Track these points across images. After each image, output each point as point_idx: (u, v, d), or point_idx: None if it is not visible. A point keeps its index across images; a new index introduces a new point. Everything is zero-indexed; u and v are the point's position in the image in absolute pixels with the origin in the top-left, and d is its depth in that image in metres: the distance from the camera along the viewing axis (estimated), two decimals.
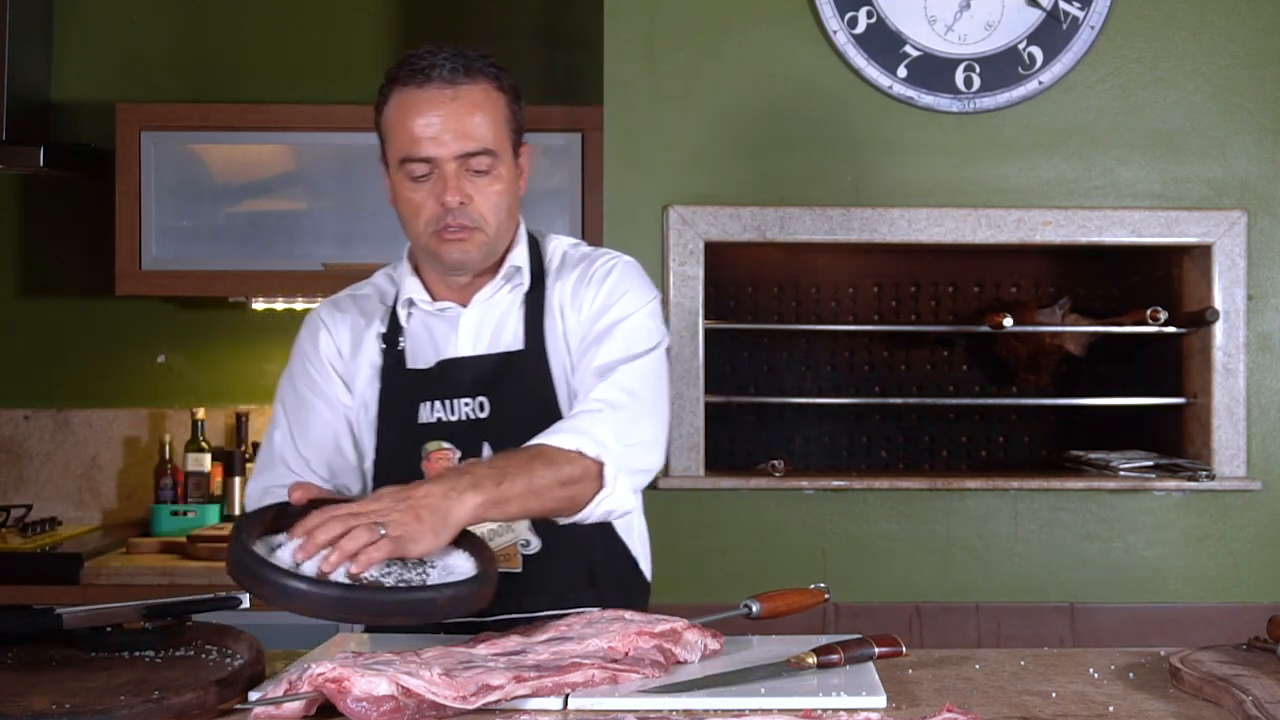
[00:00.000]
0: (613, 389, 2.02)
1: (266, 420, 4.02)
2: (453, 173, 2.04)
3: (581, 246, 2.23)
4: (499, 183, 2.08)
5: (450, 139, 2.03)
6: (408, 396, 2.13)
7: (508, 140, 2.09)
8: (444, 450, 2.10)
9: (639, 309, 2.12)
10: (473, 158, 2.05)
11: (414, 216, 2.09)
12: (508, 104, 2.10)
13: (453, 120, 2.03)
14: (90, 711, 1.53)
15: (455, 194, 2.04)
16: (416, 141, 2.04)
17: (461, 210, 2.05)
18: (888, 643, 1.83)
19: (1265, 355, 3.42)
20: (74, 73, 4.03)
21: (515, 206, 2.14)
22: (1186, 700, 1.71)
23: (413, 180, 2.07)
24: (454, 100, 2.04)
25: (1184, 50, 3.41)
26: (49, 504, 4.01)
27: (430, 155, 2.04)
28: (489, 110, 2.07)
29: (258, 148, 3.75)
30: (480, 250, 2.10)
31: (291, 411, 2.22)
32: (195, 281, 3.72)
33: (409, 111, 2.05)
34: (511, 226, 2.15)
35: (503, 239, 2.13)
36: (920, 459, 3.84)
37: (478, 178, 2.06)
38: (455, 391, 2.11)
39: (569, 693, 1.65)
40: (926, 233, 3.39)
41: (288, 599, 1.70)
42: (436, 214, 2.06)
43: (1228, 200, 3.41)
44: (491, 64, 2.10)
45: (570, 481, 1.90)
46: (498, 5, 4.06)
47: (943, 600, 3.40)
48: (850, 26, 3.38)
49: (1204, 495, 3.40)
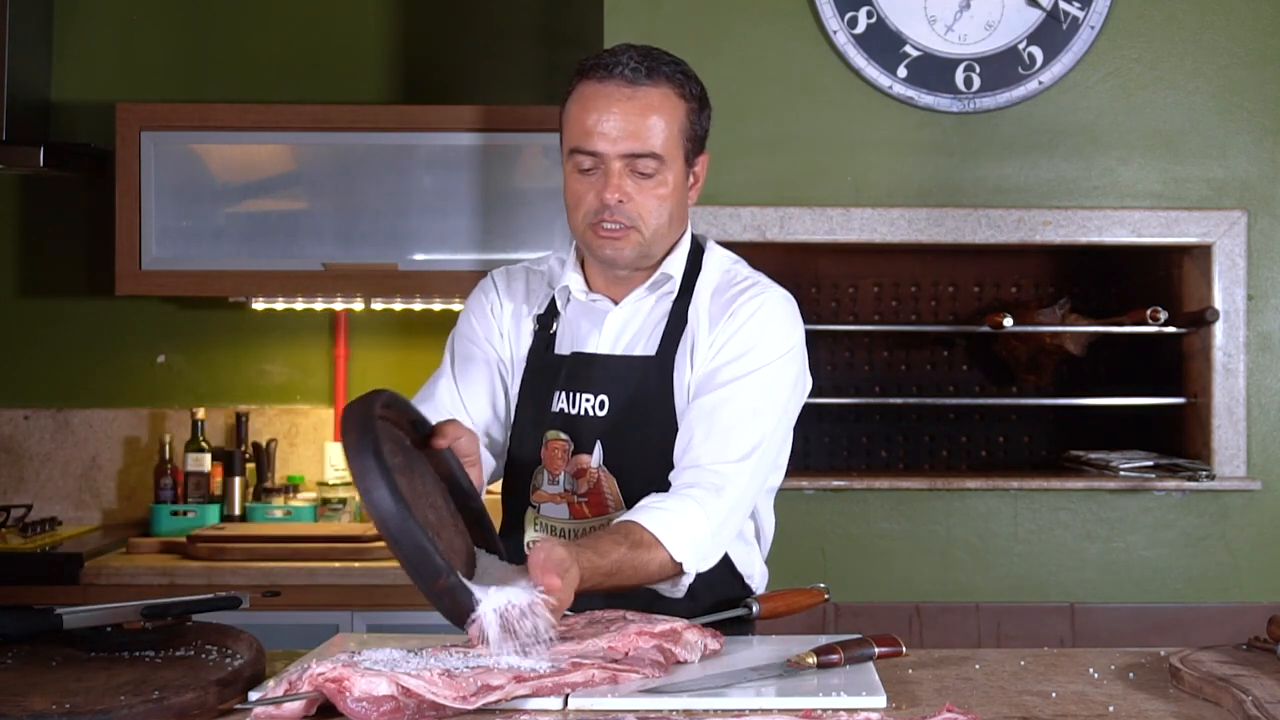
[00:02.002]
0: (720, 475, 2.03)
1: (266, 420, 4.06)
2: (617, 170, 2.07)
3: (740, 267, 2.23)
4: (663, 187, 2.09)
5: (619, 137, 2.06)
6: (545, 381, 2.16)
7: (680, 148, 2.10)
8: (561, 441, 2.14)
9: (770, 362, 2.11)
10: (639, 159, 2.07)
11: (575, 207, 2.11)
12: (688, 112, 2.11)
13: (625, 119, 2.06)
14: (90, 711, 1.53)
15: (615, 192, 2.07)
16: (587, 134, 2.07)
17: (619, 208, 2.07)
18: (888, 643, 1.83)
19: (1265, 355, 3.42)
20: (74, 73, 4.03)
21: (680, 212, 2.15)
22: (1186, 700, 1.71)
23: (579, 172, 2.09)
24: (630, 99, 2.06)
25: (1184, 50, 3.41)
26: (49, 504, 4.01)
27: (597, 150, 2.06)
28: (664, 114, 2.08)
29: (258, 148, 3.75)
30: (634, 250, 2.11)
31: (457, 359, 2.24)
32: (195, 281, 3.71)
33: (586, 104, 2.08)
34: (673, 232, 2.16)
35: (661, 242, 2.14)
36: (920, 459, 3.84)
37: (641, 179, 2.08)
38: (581, 386, 2.13)
39: (569, 693, 1.65)
40: (926, 233, 3.39)
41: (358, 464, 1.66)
42: (595, 208, 2.08)
43: (1228, 200, 3.41)
44: (680, 70, 2.12)
45: (654, 579, 1.97)
46: (498, 5, 4.06)
47: (943, 600, 3.40)
48: (850, 26, 3.38)
49: (1204, 495, 3.40)
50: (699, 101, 2.14)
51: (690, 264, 2.19)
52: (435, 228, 3.71)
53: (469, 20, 4.07)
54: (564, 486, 2.14)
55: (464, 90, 4.02)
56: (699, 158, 2.16)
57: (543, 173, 3.73)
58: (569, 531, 2.14)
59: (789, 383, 2.14)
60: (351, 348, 4.05)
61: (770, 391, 2.11)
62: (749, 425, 2.07)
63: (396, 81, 4.06)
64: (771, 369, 2.11)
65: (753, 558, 2.23)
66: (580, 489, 2.13)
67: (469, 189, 3.71)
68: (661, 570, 1.96)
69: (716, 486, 2.02)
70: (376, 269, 3.71)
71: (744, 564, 2.20)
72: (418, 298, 3.82)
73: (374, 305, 3.91)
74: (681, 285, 2.17)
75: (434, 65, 4.07)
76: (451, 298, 3.82)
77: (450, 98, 3.97)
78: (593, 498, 2.12)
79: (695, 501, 2.00)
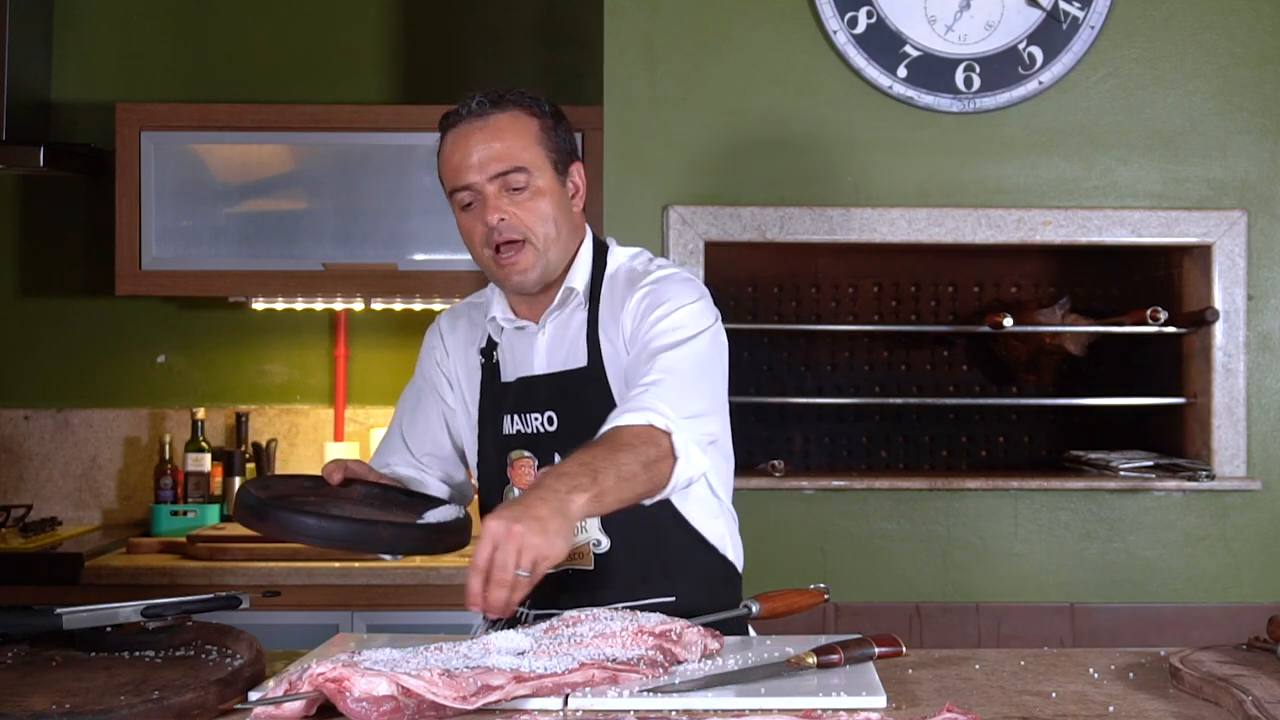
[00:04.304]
0: (657, 371, 2.09)
1: (266, 420, 4.07)
2: (492, 193, 2.17)
3: (638, 261, 2.30)
4: (539, 197, 2.19)
5: (482, 163, 2.17)
6: (497, 408, 2.27)
7: (544, 158, 2.20)
8: (525, 459, 2.24)
9: (683, 305, 2.18)
10: (506, 176, 2.17)
11: (470, 244, 2.22)
12: (542, 126, 2.22)
13: (482, 145, 2.18)
14: (90, 711, 1.53)
15: (495, 211, 2.17)
16: (455, 172, 2.20)
17: (505, 225, 2.17)
18: (888, 643, 1.83)
19: (1265, 355, 3.42)
20: (74, 73, 4.03)
21: (568, 221, 2.24)
22: (1186, 700, 1.71)
23: (463, 210, 2.21)
24: (482, 129, 2.20)
25: (1184, 50, 3.41)
26: (49, 504, 4.01)
27: (468, 182, 2.18)
28: (517, 132, 2.20)
29: (258, 148, 3.75)
30: (535, 266, 2.20)
31: (407, 405, 2.42)
32: (195, 281, 3.71)
33: (449, 148, 2.22)
34: (566, 241, 2.24)
35: (556, 252, 2.22)
36: (920, 459, 3.84)
37: (516, 194, 2.18)
38: (530, 407, 2.23)
39: (569, 693, 1.65)
40: (926, 233, 3.39)
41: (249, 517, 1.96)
42: (485, 235, 2.18)
43: (1228, 200, 3.41)
44: (527, 96, 2.26)
45: (651, 462, 1.96)
46: (498, 5, 4.06)
47: (943, 600, 3.40)
48: (850, 26, 3.38)
49: (1204, 495, 3.40)
50: (553, 118, 2.25)
51: (595, 271, 2.27)
52: (435, 228, 3.71)
53: (469, 20, 4.07)
54: None
55: (464, 90, 3.98)
56: (572, 166, 2.26)
57: None
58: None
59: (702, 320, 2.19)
60: (351, 348, 4.05)
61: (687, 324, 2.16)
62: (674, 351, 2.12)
63: (396, 81, 4.06)
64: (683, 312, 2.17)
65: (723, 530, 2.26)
66: None
67: None
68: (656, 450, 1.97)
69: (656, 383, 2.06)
70: (376, 269, 3.71)
71: (716, 538, 2.24)
72: (417, 298, 3.82)
73: (374, 305, 3.91)
74: (591, 292, 2.25)
75: (434, 65, 4.07)
76: (451, 298, 3.81)
77: (450, 98, 3.93)
78: None
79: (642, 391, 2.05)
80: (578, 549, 2.18)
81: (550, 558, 1.77)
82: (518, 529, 1.74)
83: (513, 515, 1.76)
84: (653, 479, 1.97)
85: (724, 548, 2.26)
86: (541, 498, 1.80)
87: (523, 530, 1.74)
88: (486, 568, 1.73)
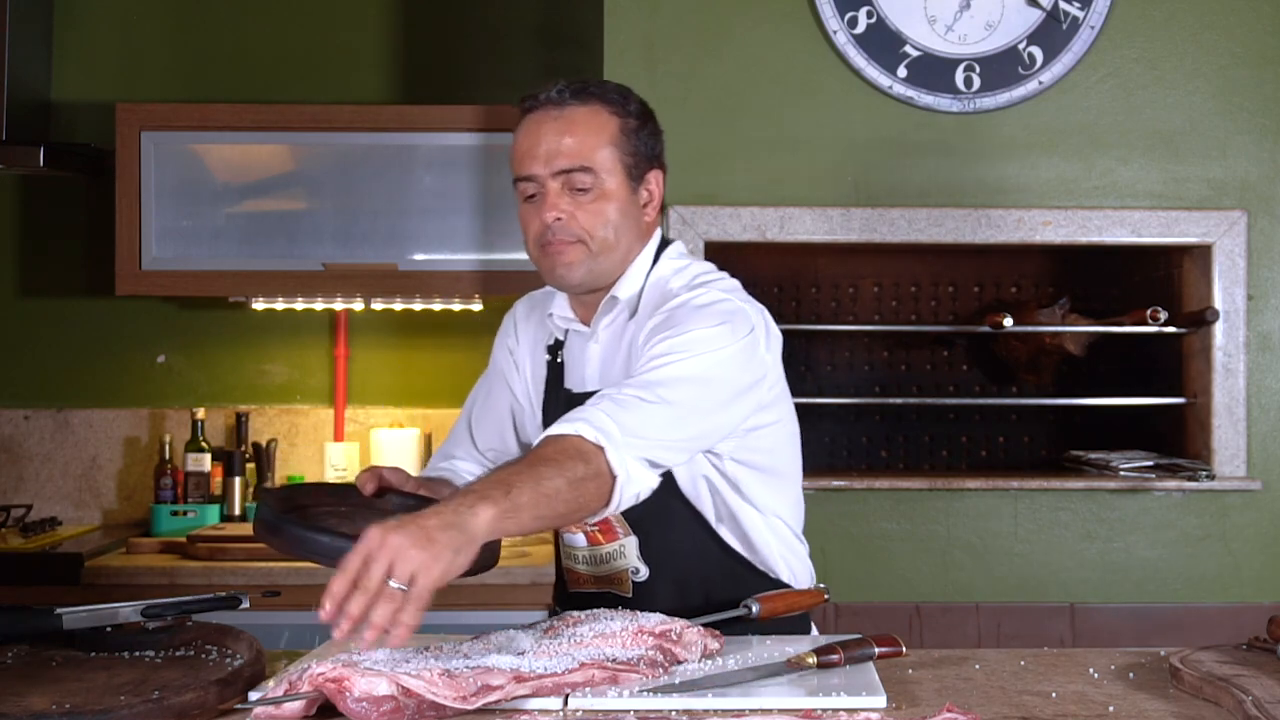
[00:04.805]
0: (625, 385, 1.94)
1: (266, 420, 4.06)
2: (554, 190, 2.08)
3: (684, 273, 2.15)
4: (602, 201, 2.09)
5: (549, 156, 2.08)
6: (555, 414, 2.08)
7: (617, 162, 2.10)
8: None
9: (690, 331, 2.01)
10: (572, 174, 2.08)
11: (526, 235, 2.13)
12: (622, 127, 2.11)
13: (553, 138, 2.08)
14: (90, 711, 1.53)
15: (552, 210, 2.07)
16: (521, 160, 2.10)
17: (560, 226, 2.08)
18: (888, 643, 1.83)
19: (1265, 355, 3.42)
20: (74, 73, 4.03)
21: (630, 229, 2.12)
22: (1186, 700, 1.71)
23: (525, 200, 2.12)
24: (556, 119, 2.09)
25: (1184, 50, 3.41)
26: (49, 504, 4.01)
27: (531, 173, 2.09)
28: (592, 130, 2.09)
29: (258, 148, 3.75)
30: (583, 267, 2.10)
31: (479, 395, 2.34)
32: (195, 281, 3.71)
33: (521, 133, 2.12)
34: (625, 250, 2.13)
35: (609, 258, 2.11)
36: (920, 459, 3.84)
37: (579, 195, 2.09)
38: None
39: (569, 693, 1.65)
40: (926, 233, 3.39)
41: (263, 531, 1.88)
42: (539, 231, 2.09)
43: (1228, 200, 3.41)
44: (615, 90, 2.14)
45: (579, 479, 1.80)
46: (498, 5, 4.06)
47: (943, 600, 3.40)
48: (850, 26, 3.38)
49: (1204, 495, 3.40)
50: (638, 119, 2.14)
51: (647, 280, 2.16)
52: (435, 228, 3.71)
53: (469, 20, 4.07)
54: None
55: (464, 90, 4.02)
56: (649, 174, 2.15)
57: None
58: (588, 558, 2.18)
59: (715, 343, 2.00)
60: (351, 348, 4.05)
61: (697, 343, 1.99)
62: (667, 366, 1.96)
63: (396, 81, 4.06)
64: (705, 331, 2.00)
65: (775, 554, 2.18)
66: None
67: (469, 189, 3.71)
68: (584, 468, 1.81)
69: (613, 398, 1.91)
70: (376, 269, 3.71)
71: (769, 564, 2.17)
72: (418, 298, 3.81)
73: (374, 305, 3.91)
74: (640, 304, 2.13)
75: (434, 65, 4.07)
76: (451, 298, 3.82)
77: (450, 98, 3.97)
78: (602, 525, 2.13)
79: (590, 405, 1.90)
80: (616, 575, 2.14)
81: (434, 572, 1.59)
82: (394, 539, 1.59)
83: (396, 524, 1.61)
84: (581, 497, 1.80)
85: (778, 570, 2.18)
86: (438, 510, 1.66)
87: (401, 541, 1.58)
88: (353, 574, 1.59)
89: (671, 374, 1.95)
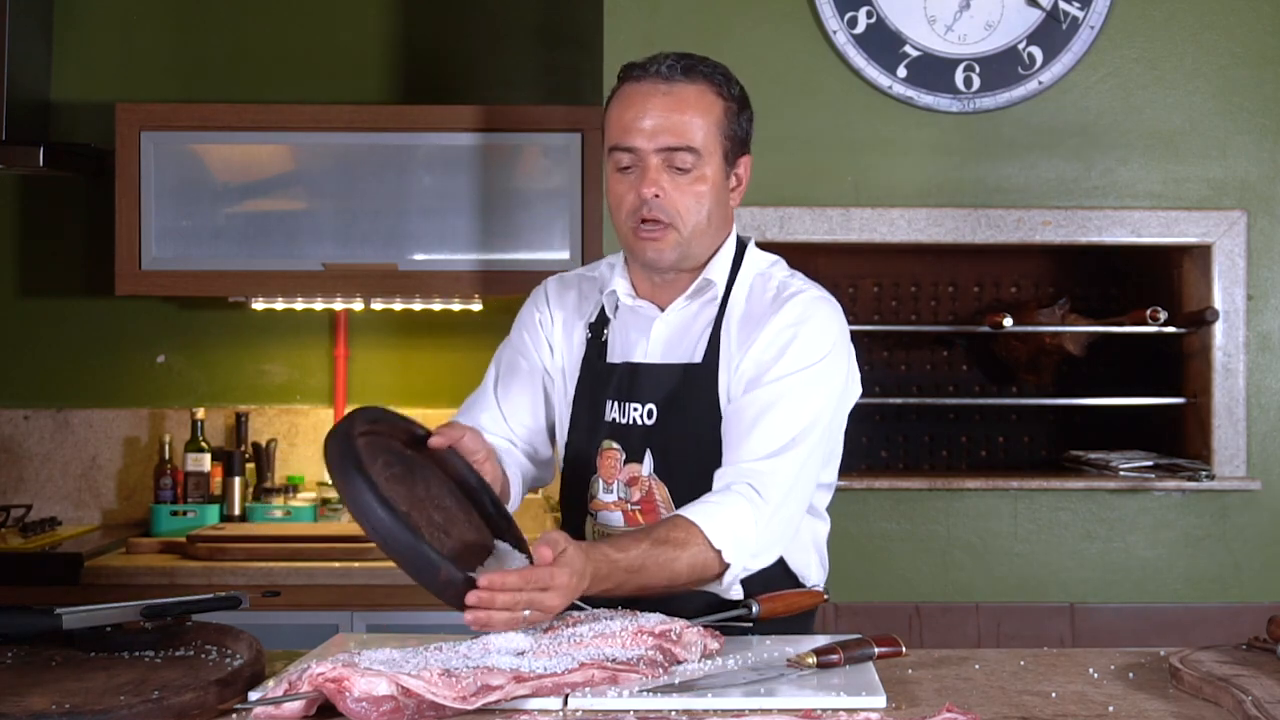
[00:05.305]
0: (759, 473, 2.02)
1: (266, 420, 4.06)
2: (654, 165, 2.07)
3: (778, 269, 2.22)
4: (701, 184, 2.10)
5: (654, 132, 2.07)
6: (599, 389, 2.17)
7: (717, 145, 2.11)
8: (613, 450, 2.15)
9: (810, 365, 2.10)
10: (675, 153, 2.07)
11: (616, 207, 2.12)
12: (725, 110, 2.12)
13: (660, 114, 2.07)
14: (90, 711, 1.53)
15: (651, 186, 2.07)
16: (624, 131, 2.09)
17: (656, 203, 2.08)
18: (888, 643, 1.83)
19: (1265, 355, 3.42)
20: (74, 73, 4.03)
21: (721, 213, 2.15)
22: (1186, 700, 1.71)
23: (618, 170, 2.11)
24: (666, 95, 2.08)
25: (1184, 50, 3.41)
26: (49, 504, 4.01)
27: (633, 145, 2.08)
28: (700, 110, 2.09)
29: (258, 148, 3.75)
30: (674, 249, 2.11)
31: (504, 369, 2.28)
32: (195, 281, 3.71)
33: (624, 103, 2.10)
34: (714, 233, 2.15)
35: (701, 242, 2.13)
36: (920, 459, 3.84)
37: (678, 175, 2.09)
38: (630, 396, 2.14)
39: (569, 693, 1.65)
40: (926, 233, 3.39)
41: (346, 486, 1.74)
42: (634, 205, 2.09)
43: (1228, 200, 3.41)
44: (719, 71, 2.14)
45: (696, 580, 1.96)
46: (498, 5, 4.06)
47: (943, 600, 3.40)
48: (850, 26, 3.38)
49: (1204, 495, 3.40)
50: (738, 102, 2.15)
51: (734, 269, 2.18)
52: (435, 228, 3.71)
53: (469, 20, 4.07)
54: (618, 495, 2.15)
55: (464, 90, 4.02)
56: (741, 159, 2.17)
57: (543, 173, 3.73)
58: None
59: (830, 382, 2.13)
60: (351, 348, 4.05)
61: (808, 391, 2.09)
62: (788, 422, 2.06)
63: (396, 81, 4.06)
64: (808, 372, 2.10)
65: (809, 559, 2.21)
66: (634, 497, 2.14)
67: (469, 189, 3.71)
68: (694, 566, 1.95)
69: (759, 483, 2.01)
70: (376, 269, 3.71)
71: (799, 565, 2.19)
72: (417, 298, 3.81)
73: (374, 305, 3.91)
74: (725, 291, 2.16)
75: (434, 65, 4.07)
76: (451, 298, 3.82)
77: (450, 98, 3.97)
78: (645, 505, 2.13)
79: (739, 495, 2.00)
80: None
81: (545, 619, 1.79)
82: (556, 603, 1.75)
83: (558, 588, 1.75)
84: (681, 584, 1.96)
85: (808, 574, 2.19)
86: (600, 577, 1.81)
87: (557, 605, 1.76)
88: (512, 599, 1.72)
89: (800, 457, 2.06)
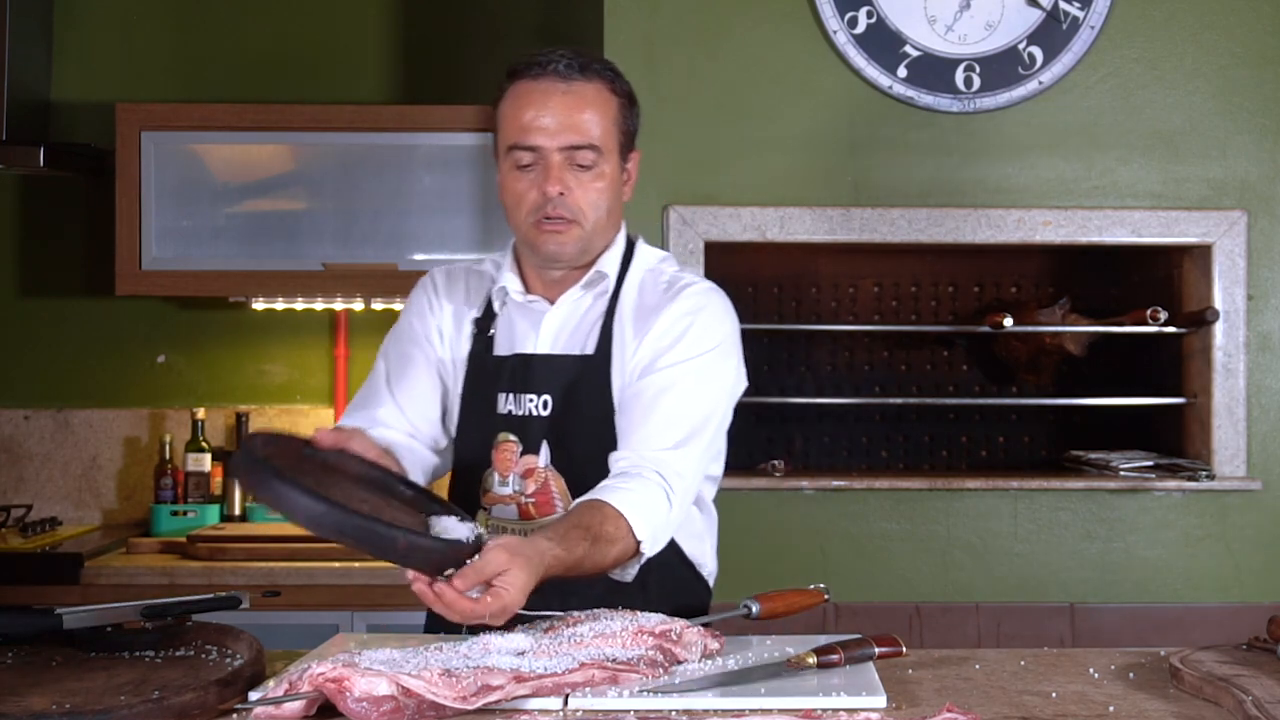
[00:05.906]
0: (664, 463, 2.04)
1: (266, 420, 4.06)
2: (557, 163, 2.10)
3: (667, 265, 2.26)
4: (601, 180, 2.13)
5: (557, 130, 2.09)
6: (488, 383, 2.18)
7: (615, 141, 2.15)
8: (510, 443, 2.16)
9: (703, 353, 2.13)
10: (577, 151, 2.10)
11: (516, 205, 2.13)
12: (619, 107, 2.16)
13: (562, 113, 2.09)
14: (90, 711, 1.53)
15: (556, 184, 2.09)
16: (525, 130, 2.10)
17: (561, 201, 2.10)
18: (888, 643, 1.83)
19: (1265, 355, 3.42)
20: (74, 73, 4.03)
21: (616, 209, 2.19)
22: (1186, 700, 1.71)
23: (518, 169, 2.12)
24: (566, 94, 2.10)
25: (1184, 50, 3.41)
26: (49, 504, 4.01)
27: (536, 144, 2.10)
28: (599, 109, 2.13)
29: (258, 148, 3.75)
30: (576, 244, 2.14)
31: (393, 361, 2.25)
32: (195, 281, 3.71)
33: (522, 101, 2.11)
34: (610, 228, 2.19)
35: (599, 238, 2.17)
36: (920, 459, 3.84)
37: (581, 172, 2.12)
38: (524, 387, 2.15)
39: (569, 693, 1.65)
40: (926, 233, 3.39)
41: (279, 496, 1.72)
42: (537, 203, 2.11)
43: (1228, 200, 3.41)
44: (609, 68, 2.17)
45: (616, 563, 1.98)
46: (498, 5, 4.06)
47: (943, 600, 3.40)
48: (850, 26, 3.38)
49: (1204, 495, 3.40)
50: (628, 99, 2.19)
51: (624, 263, 2.22)
52: (435, 228, 3.71)
53: (469, 20, 4.07)
54: (513, 488, 2.16)
55: (464, 90, 4.01)
56: (632, 154, 2.21)
57: None
58: (519, 532, 2.13)
59: (725, 370, 2.16)
60: (351, 348, 4.05)
61: (705, 380, 2.12)
62: (686, 409, 2.09)
63: (396, 81, 4.06)
64: (705, 359, 2.13)
65: (704, 548, 2.25)
66: (528, 490, 2.15)
67: (469, 189, 3.71)
68: (619, 559, 1.98)
69: (667, 474, 2.04)
70: (376, 269, 3.71)
71: (695, 554, 2.22)
72: None
73: (374, 305, 3.91)
74: (616, 284, 2.19)
75: (434, 65, 4.07)
76: None
77: (450, 98, 3.97)
78: (540, 498, 2.14)
79: (656, 486, 2.02)
80: None
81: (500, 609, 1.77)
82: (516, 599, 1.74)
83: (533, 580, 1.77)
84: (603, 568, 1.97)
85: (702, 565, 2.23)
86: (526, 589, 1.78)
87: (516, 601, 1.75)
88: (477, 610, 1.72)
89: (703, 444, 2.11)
